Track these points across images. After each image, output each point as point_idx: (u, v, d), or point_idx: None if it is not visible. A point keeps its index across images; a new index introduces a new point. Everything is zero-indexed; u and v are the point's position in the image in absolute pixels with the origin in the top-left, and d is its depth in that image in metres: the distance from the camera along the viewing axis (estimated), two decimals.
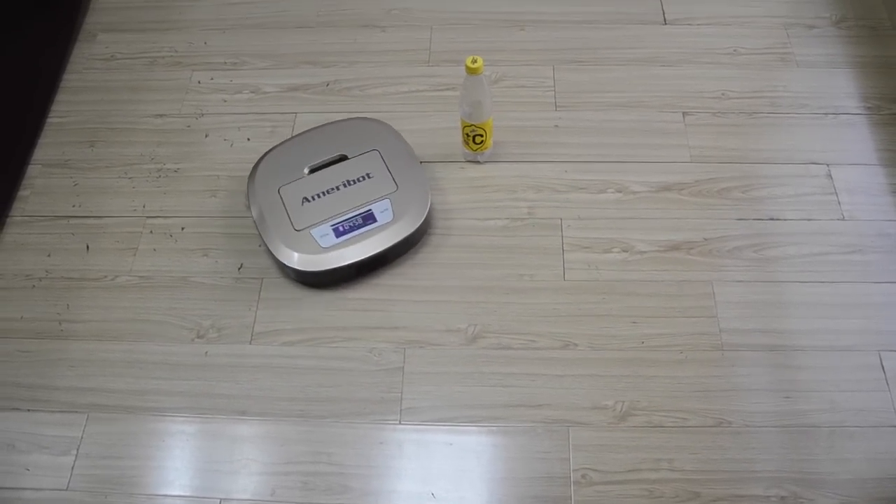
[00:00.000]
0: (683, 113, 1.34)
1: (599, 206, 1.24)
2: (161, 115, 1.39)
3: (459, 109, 1.20)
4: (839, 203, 1.24)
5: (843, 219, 1.22)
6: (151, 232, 1.25)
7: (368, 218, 1.16)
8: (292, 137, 1.27)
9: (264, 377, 1.10)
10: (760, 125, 1.33)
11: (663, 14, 1.49)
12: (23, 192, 1.31)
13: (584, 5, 1.51)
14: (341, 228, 1.15)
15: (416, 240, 1.20)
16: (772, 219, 1.22)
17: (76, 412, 1.09)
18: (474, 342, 1.12)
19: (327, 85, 1.41)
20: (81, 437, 1.07)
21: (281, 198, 1.19)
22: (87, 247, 1.24)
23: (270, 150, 1.25)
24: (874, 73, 1.39)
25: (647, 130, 1.32)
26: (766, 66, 1.41)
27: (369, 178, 1.20)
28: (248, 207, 1.21)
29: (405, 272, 1.19)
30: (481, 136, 1.23)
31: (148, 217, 1.27)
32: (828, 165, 1.28)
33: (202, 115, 1.38)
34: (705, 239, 1.20)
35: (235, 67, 1.45)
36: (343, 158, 1.22)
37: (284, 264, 1.14)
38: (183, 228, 1.25)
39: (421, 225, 1.17)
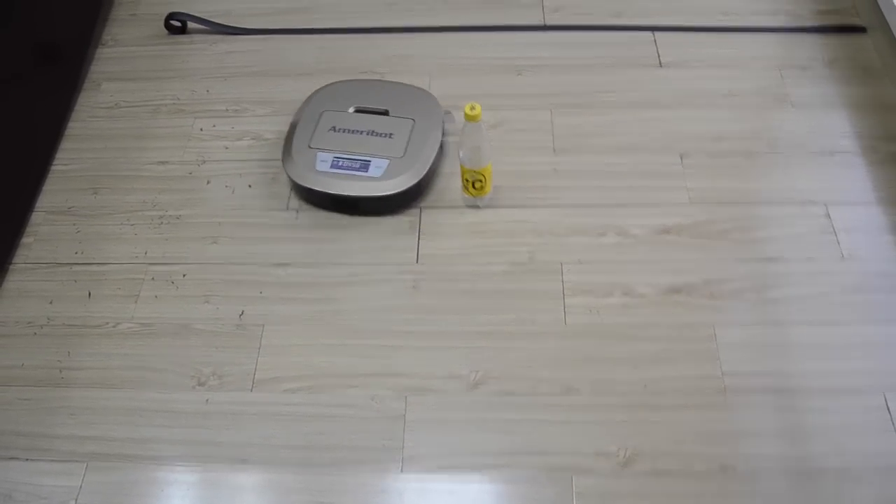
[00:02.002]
0: (681, 155, 1.35)
1: (600, 250, 1.24)
2: (163, 162, 1.40)
3: (458, 155, 1.21)
4: (839, 243, 1.24)
5: (844, 258, 1.22)
6: (153, 279, 1.26)
7: (364, 166, 1.27)
8: (366, 80, 1.44)
9: (265, 425, 1.10)
10: (758, 166, 1.34)
11: (658, 58, 1.51)
12: (26, 240, 1.31)
13: (580, 50, 1.53)
14: (339, 163, 1.27)
15: (391, 205, 1.29)
16: (772, 259, 1.23)
17: (75, 461, 1.08)
18: (476, 388, 1.12)
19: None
20: (80, 487, 1.06)
21: (319, 118, 1.34)
22: (89, 293, 1.25)
23: (345, 81, 1.41)
24: (869, 113, 1.40)
25: (646, 173, 1.33)
26: (761, 108, 1.42)
27: (390, 137, 1.30)
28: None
29: (406, 317, 1.19)
30: (481, 181, 1.24)
31: (150, 264, 1.28)
32: (826, 205, 1.28)
33: (204, 161, 1.40)
34: (706, 281, 1.21)
35: (237, 114, 1.47)
36: (385, 113, 1.33)
37: (283, 167, 1.31)
38: (184, 275, 1.26)
39: (398, 193, 1.26)
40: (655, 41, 1.54)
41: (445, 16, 1.62)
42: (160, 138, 1.44)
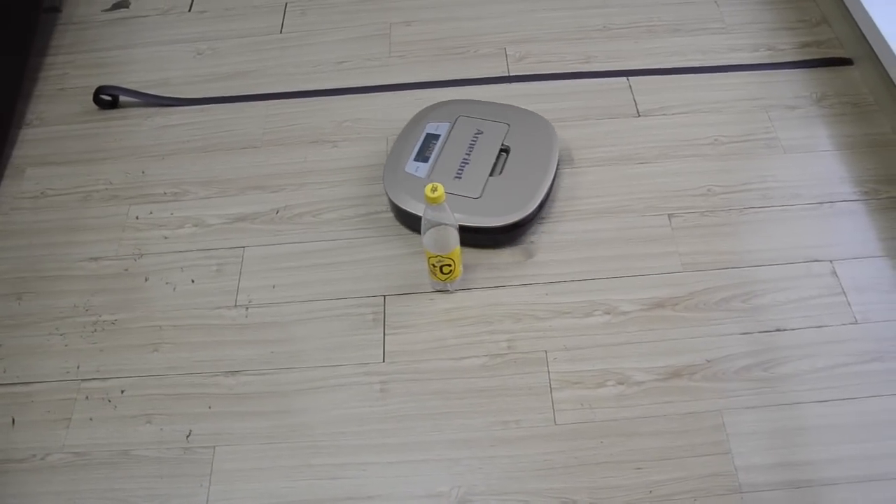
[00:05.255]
0: (669, 215, 1.23)
1: (587, 333, 1.11)
2: (96, 258, 1.26)
3: (422, 239, 1.08)
4: (849, 304, 1.12)
5: (857, 322, 1.10)
6: (87, 397, 1.11)
7: (423, 160, 1.24)
8: (550, 133, 1.30)
9: None
10: (753, 221, 1.22)
11: (636, 105, 1.39)
12: None
13: (549, 101, 1.40)
14: (429, 141, 1.27)
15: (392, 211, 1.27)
16: (778, 329, 1.10)
17: None
18: None
19: (277, 212, 1.28)
20: None
21: (496, 119, 1.30)
22: (13, 420, 1.09)
23: (546, 124, 1.30)
24: (865, 154, 1.29)
25: (632, 239, 1.21)
26: (751, 155, 1.31)
27: (458, 177, 1.22)
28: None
29: (375, 428, 1.05)
30: (449, 265, 1.10)
31: (83, 380, 1.13)
32: (831, 262, 1.17)
33: (141, 255, 1.25)
34: (708, 361, 1.08)
35: (176, 198, 1.32)
36: (502, 166, 1.24)
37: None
38: (122, 391, 1.11)
39: (393, 204, 1.23)
40: (630, 87, 1.42)
41: (400, 72, 1.49)
42: (92, 230, 1.29)
